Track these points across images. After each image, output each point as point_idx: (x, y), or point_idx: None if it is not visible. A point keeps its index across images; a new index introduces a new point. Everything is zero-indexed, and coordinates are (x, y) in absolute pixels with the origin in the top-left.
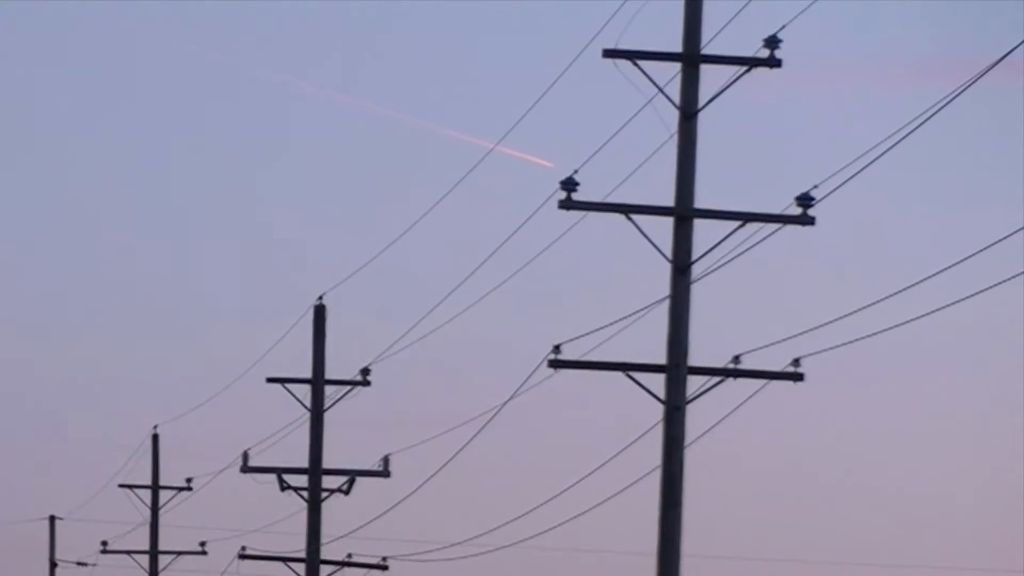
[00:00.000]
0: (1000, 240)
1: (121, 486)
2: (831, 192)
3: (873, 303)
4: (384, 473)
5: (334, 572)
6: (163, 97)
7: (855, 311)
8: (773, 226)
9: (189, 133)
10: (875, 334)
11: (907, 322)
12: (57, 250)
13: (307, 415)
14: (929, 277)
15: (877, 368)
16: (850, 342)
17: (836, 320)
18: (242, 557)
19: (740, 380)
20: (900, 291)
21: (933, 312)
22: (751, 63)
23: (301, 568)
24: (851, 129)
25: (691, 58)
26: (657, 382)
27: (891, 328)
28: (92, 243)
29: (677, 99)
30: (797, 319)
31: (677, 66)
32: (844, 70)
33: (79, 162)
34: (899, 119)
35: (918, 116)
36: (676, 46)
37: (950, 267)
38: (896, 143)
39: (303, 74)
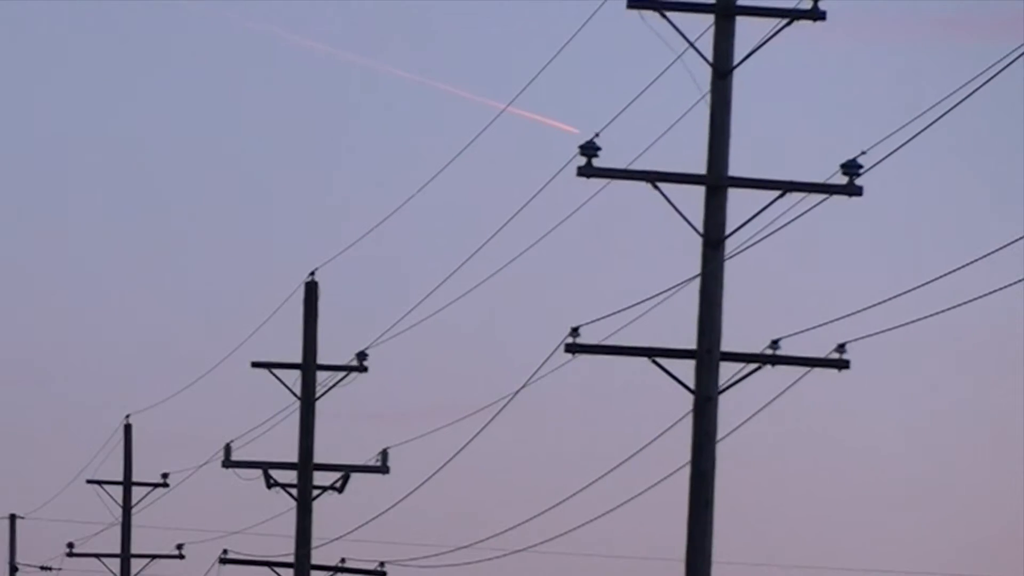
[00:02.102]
0: None
1: (89, 482)
2: (881, 160)
3: (927, 282)
4: (382, 469)
5: None
6: (139, 55)
7: (906, 291)
8: (816, 197)
9: (162, 91)
10: (928, 316)
11: (964, 303)
12: (19, 224)
13: (297, 404)
14: (990, 254)
15: (931, 355)
16: (901, 325)
17: (885, 301)
18: (223, 561)
19: (778, 368)
20: (957, 269)
21: (994, 292)
22: (792, 15)
23: (289, 573)
24: (903, 89)
25: (726, 9)
26: (686, 369)
27: (946, 310)
28: (54, 214)
29: (710, 55)
30: (842, 300)
31: (710, 18)
32: (896, 23)
33: (39, 138)
34: (958, 77)
35: (980, 74)
36: None
37: (1013, 243)
38: (956, 105)
39: (293, 27)
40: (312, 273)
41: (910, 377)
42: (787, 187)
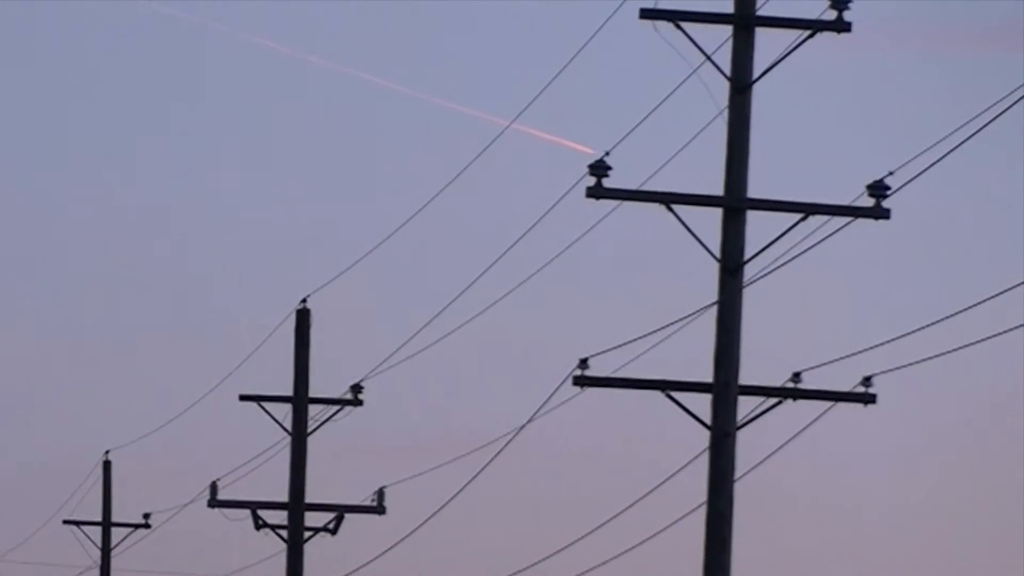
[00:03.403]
0: None
1: (66, 522)
2: (910, 180)
3: (959, 311)
4: (378, 509)
5: None
6: (128, 69)
7: (937, 321)
8: (840, 220)
9: (146, 109)
10: (960, 348)
11: (999, 334)
12: None
13: (287, 439)
14: None
15: (963, 388)
16: (931, 357)
17: (915, 332)
18: None
19: (800, 402)
20: (991, 297)
21: None
22: (815, 26)
23: None
24: (934, 105)
25: (744, 20)
26: (702, 404)
27: (979, 341)
28: (30, 236)
29: (728, 69)
30: (868, 330)
31: (728, 29)
32: (926, 35)
33: (12, 165)
34: (992, 92)
35: (1017, 88)
36: (727, 6)
37: None
38: (990, 122)
39: (289, 40)
40: (304, 300)
41: (941, 412)
42: (809, 209)
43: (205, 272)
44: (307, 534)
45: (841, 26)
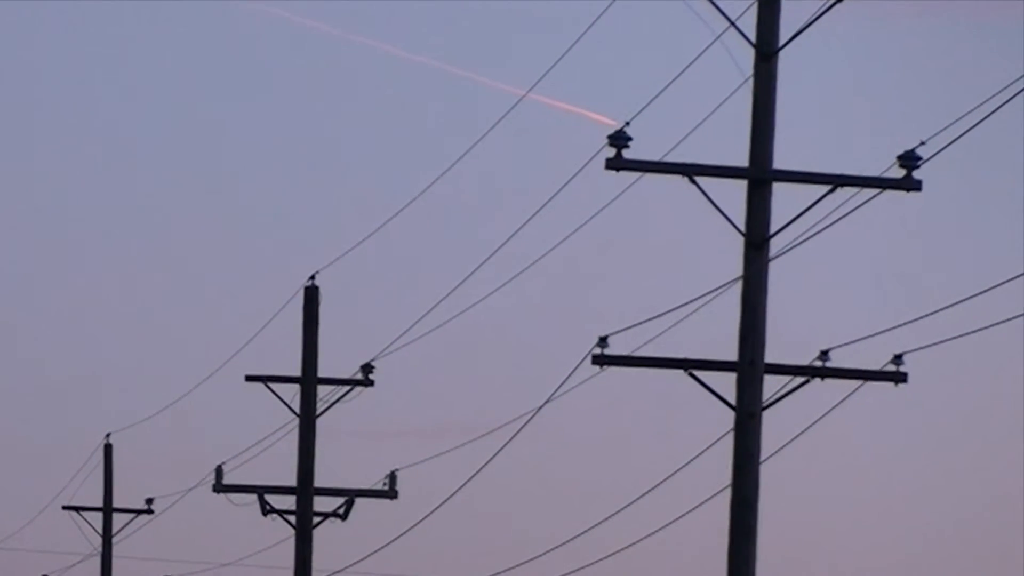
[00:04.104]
0: None
1: (66, 508)
2: (942, 149)
3: (992, 286)
4: (389, 493)
5: None
6: (127, 47)
7: (970, 296)
8: (869, 192)
9: (149, 83)
10: (994, 325)
11: None
12: None
13: (295, 421)
14: None
15: (997, 366)
16: (964, 335)
17: (947, 307)
18: None
19: (828, 381)
20: None
21: None
22: None
23: None
24: (967, 71)
25: None
26: (727, 383)
27: (1015, 318)
28: (29, 215)
29: (752, 35)
30: (899, 306)
31: None
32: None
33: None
34: None
35: None
36: None
37: None
38: None
39: (296, 9)
40: (312, 277)
41: (974, 392)
42: (837, 181)
43: (211, 248)
44: (316, 520)
45: None
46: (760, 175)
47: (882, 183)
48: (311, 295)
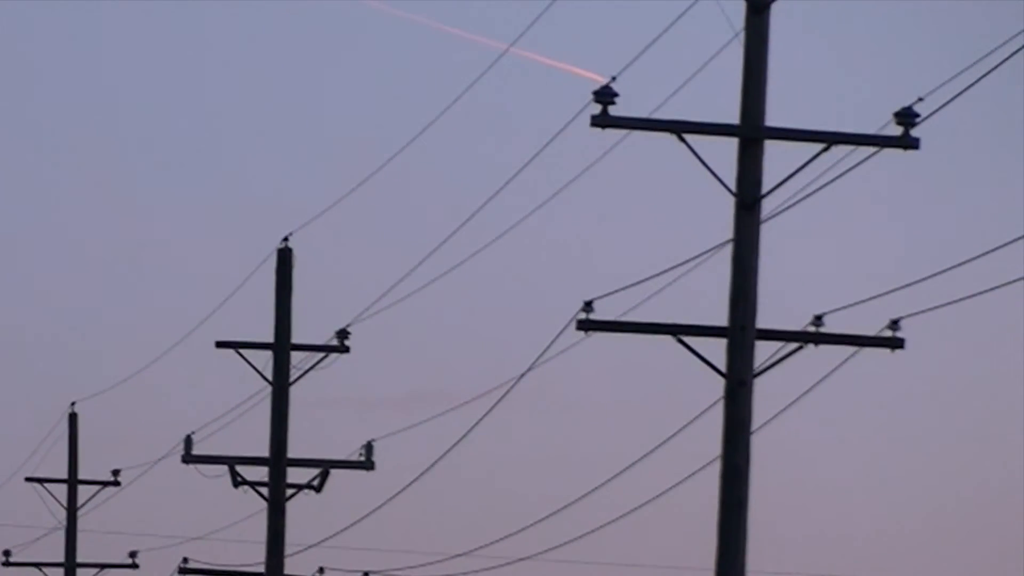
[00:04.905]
0: None
1: (29, 480)
2: (941, 107)
3: (992, 249)
4: (366, 464)
5: None
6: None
7: (969, 259)
8: (865, 151)
9: (109, 39)
10: (994, 288)
11: None
12: None
13: (268, 390)
14: None
15: (996, 332)
16: (962, 299)
17: (945, 271)
18: (183, 571)
19: (822, 347)
20: None
21: None
22: None
23: None
24: (968, 25)
25: None
26: (717, 350)
27: (1015, 281)
28: None
29: None
30: (895, 270)
31: None
32: None
33: None
34: None
35: None
36: None
37: None
38: None
39: None
40: (286, 239)
41: (973, 358)
42: (832, 139)
43: (179, 209)
44: (289, 492)
45: None
46: (752, 133)
47: (878, 141)
48: (284, 257)
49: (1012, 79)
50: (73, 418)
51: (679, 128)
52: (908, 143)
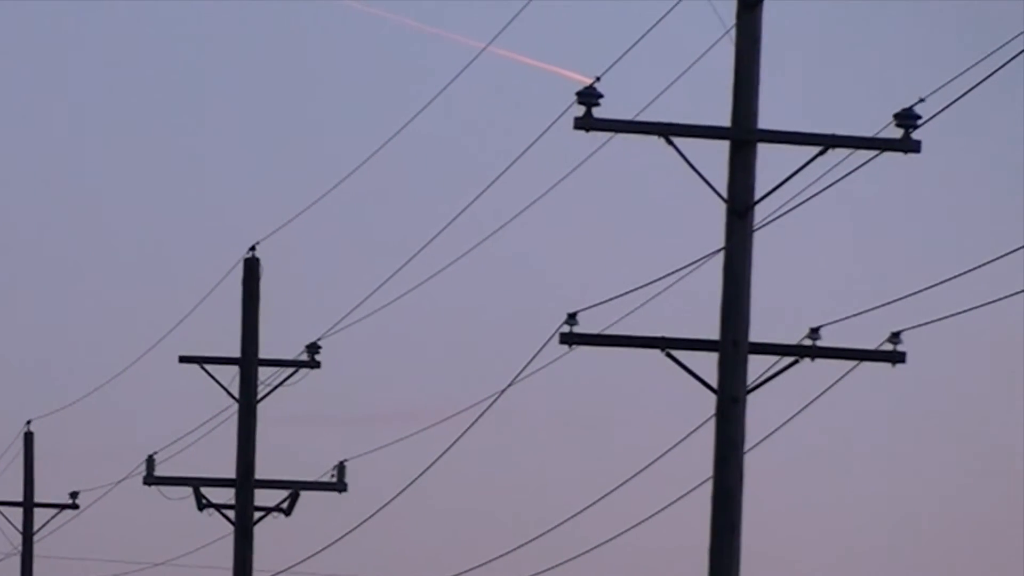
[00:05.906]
0: None
1: None
2: (943, 109)
3: (996, 258)
4: (338, 486)
5: None
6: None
7: (972, 269)
8: (864, 154)
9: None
10: (997, 300)
11: None
12: None
13: (234, 407)
14: None
15: (1000, 345)
16: (965, 311)
17: (947, 281)
18: None
19: (819, 362)
20: None
21: None
22: None
23: None
24: (970, 24)
25: None
26: (708, 364)
27: (1019, 292)
28: None
29: None
30: (895, 281)
31: None
32: None
33: None
34: None
35: None
36: None
37: None
38: None
39: None
40: (253, 248)
41: (976, 372)
42: (829, 142)
43: (142, 217)
44: (257, 515)
45: None
46: (743, 135)
47: (877, 144)
48: (251, 268)
49: (1018, 80)
50: (29, 437)
51: (667, 131)
52: (909, 146)
